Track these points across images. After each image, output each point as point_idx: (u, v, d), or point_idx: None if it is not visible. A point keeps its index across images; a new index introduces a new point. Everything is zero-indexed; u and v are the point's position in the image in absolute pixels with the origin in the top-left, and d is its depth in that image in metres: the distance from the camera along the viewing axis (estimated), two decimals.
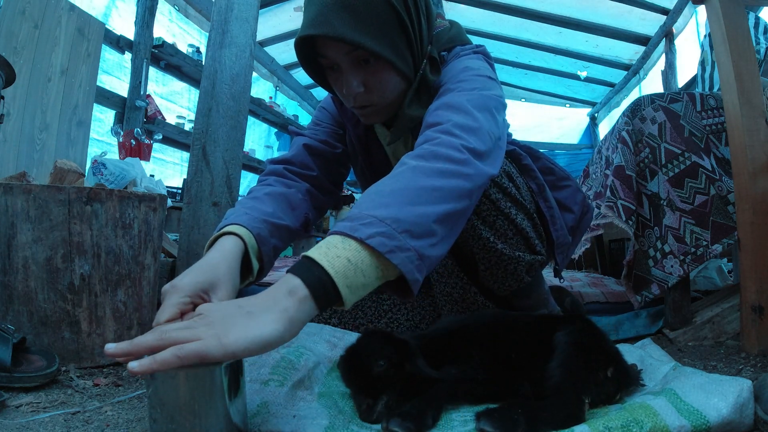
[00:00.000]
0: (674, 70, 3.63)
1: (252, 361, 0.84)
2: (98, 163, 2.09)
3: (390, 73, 0.90)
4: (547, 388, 0.71)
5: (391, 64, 0.88)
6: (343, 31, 0.82)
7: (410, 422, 0.66)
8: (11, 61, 1.21)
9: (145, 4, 3.17)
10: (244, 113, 1.53)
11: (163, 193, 1.44)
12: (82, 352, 1.05)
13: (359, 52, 0.87)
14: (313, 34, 0.84)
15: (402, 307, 1.28)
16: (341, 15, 0.82)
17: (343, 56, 0.88)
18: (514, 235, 1.01)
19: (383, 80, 0.90)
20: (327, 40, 0.85)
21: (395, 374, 0.75)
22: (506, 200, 0.99)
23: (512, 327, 0.84)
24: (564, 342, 0.75)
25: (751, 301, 1.07)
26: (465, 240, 1.00)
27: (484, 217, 0.98)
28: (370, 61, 0.88)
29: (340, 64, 0.90)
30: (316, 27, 0.83)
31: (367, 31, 0.84)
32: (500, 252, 1.00)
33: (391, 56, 0.87)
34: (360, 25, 0.83)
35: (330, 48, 0.88)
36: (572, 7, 3.92)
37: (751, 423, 0.67)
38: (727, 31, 1.12)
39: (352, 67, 0.89)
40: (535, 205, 1.06)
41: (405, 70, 0.91)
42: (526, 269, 1.03)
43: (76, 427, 0.75)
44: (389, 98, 0.93)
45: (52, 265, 1.03)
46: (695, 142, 1.27)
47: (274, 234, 0.88)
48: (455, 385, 0.77)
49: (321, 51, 0.89)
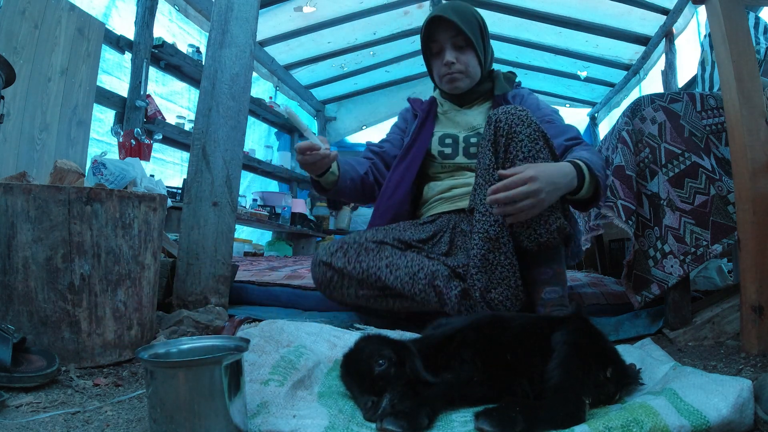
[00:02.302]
0: (674, 70, 3.63)
1: (252, 361, 0.84)
2: (98, 163, 2.09)
3: (473, 57, 1.48)
4: (546, 388, 0.71)
5: (474, 52, 1.47)
6: (454, 18, 1.42)
7: (404, 421, 0.66)
8: (11, 61, 1.21)
9: (145, 4, 3.17)
10: (244, 113, 1.54)
11: (163, 193, 1.44)
12: (82, 352, 1.05)
13: (459, 38, 1.45)
14: (437, 14, 1.45)
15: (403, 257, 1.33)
16: (454, 12, 1.44)
17: (448, 39, 1.46)
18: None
19: (468, 59, 1.48)
20: (442, 22, 1.44)
21: (396, 374, 0.75)
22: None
23: (509, 329, 0.84)
24: (562, 343, 0.75)
25: (751, 301, 1.06)
26: None
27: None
28: (462, 46, 1.47)
29: (444, 46, 1.48)
30: (440, 12, 1.44)
31: (466, 25, 1.44)
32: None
33: (475, 44, 1.46)
34: (463, 21, 1.44)
35: (441, 31, 1.46)
36: (572, 7, 3.92)
37: (751, 423, 0.67)
38: (727, 31, 1.12)
39: (452, 47, 1.47)
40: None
41: (481, 59, 1.49)
42: (557, 227, 1.17)
43: (76, 427, 0.75)
44: (471, 72, 1.50)
45: (52, 265, 1.03)
46: (695, 142, 1.27)
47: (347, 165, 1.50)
48: (452, 385, 0.77)
49: (434, 35, 1.48)
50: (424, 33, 1.49)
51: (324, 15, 4.25)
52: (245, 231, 4.74)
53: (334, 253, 1.33)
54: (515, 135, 1.17)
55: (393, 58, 5.30)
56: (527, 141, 1.17)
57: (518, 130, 1.17)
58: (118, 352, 1.10)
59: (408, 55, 5.24)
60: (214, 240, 1.42)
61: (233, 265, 1.54)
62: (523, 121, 1.17)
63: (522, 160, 1.16)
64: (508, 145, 1.18)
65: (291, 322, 1.04)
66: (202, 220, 1.42)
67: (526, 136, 1.17)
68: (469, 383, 0.78)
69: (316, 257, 1.37)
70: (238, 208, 2.58)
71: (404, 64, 5.42)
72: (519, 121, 1.18)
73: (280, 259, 3.58)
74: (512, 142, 1.18)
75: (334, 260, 1.32)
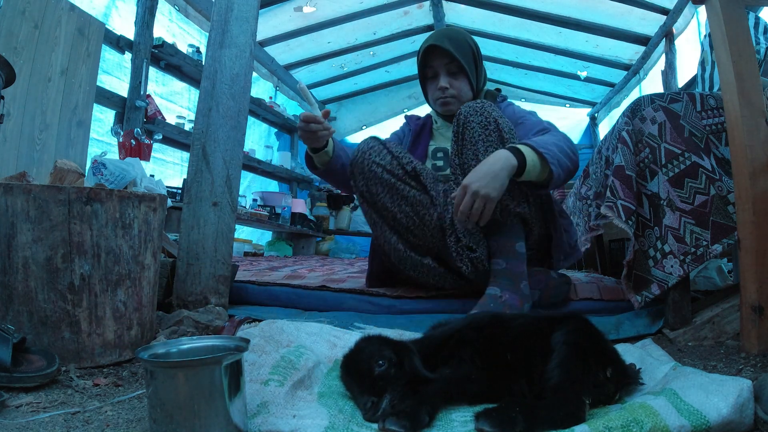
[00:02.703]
0: (674, 70, 3.63)
1: (252, 361, 0.84)
2: (98, 163, 2.09)
3: (465, 83, 1.58)
4: (545, 388, 0.71)
5: (467, 77, 1.56)
6: (448, 46, 1.52)
7: (406, 420, 0.66)
8: (11, 61, 1.21)
9: (145, 4, 3.17)
10: (244, 113, 1.54)
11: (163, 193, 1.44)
12: (82, 352, 1.05)
13: (453, 65, 1.55)
14: (433, 44, 1.53)
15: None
16: (448, 40, 1.53)
17: (442, 66, 1.56)
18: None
19: (461, 86, 1.58)
20: (437, 50, 1.54)
21: (396, 374, 0.75)
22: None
23: (509, 329, 0.84)
24: (562, 342, 0.75)
25: (751, 301, 1.06)
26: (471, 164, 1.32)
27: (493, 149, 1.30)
28: (456, 73, 1.56)
29: (438, 72, 1.57)
30: (435, 41, 1.53)
31: (460, 53, 1.53)
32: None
33: (468, 71, 1.55)
34: (457, 49, 1.53)
35: (436, 58, 1.56)
36: (572, 7, 3.92)
37: (751, 423, 0.67)
38: (727, 31, 1.12)
39: (446, 74, 1.57)
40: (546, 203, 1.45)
41: (473, 84, 1.58)
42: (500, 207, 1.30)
43: (76, 427, 0.75)
44: (462, 96, 1.58)
45: (52, 265, 1.03)
46: (695, 142, 1.27)
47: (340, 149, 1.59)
48: (450, 382, 0.77)
49: (429, 62, 1.58)
50: (421, 59, 1.60)
51: (324, 15, 4.25)
52: (245, 231, 4.74)
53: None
54: (468, 123, 1.35)
55: (393, 58, 5.30)
56: (477, 127, 1.33)
57: (471, 119, 1.35)
58: (118, 352, 1.10)
59: (408, 55, 5.24)
60: (214, 240, 1.42)
61: (233, 265, 1.54)
62: (476, 111, 1.35)
63: (473, 143, 1.33)
64: (463, 132, 1.36)
65: (291, 322, 1.04)
66: (202, 220, 1.42)
67: (477, 124, 1.34)
68: (467, 380, 0.78)
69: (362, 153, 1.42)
70: (238, 208, 2.58)
71: (404, 64, 5.41)
72: (473, 112, 1.35)
73: (280, 259, 3.58)
74: (466, 130, 1.35)
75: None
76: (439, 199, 1.41)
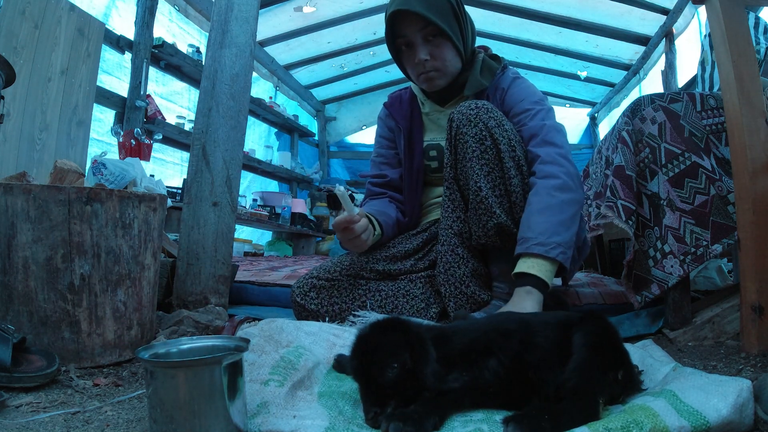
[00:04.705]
0: (674, 70, 3.63)
1: (252, 361, 0.84)
2: (98, 163, 2.09)
3: (449, 48, 1.30)
4: (564, 389, 0.71)
5: (450, 41, 1.28)
6: (419, 9, 1.22)
7: (411, 426, 0.66)
8: (11, 61, 1.21)
9: (145, 4, 3.17)
10: (244, 113, 1.54)
11: (163, 193, 1.44)
12: (82, 352, 1.05)
13: (428, 29, 1.26)
14: (399, 9, 1.24)
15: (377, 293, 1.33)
16: (418, 0, 1.23)
17: (416, 32, 1.28)
18: (501, 195, 1.22)
19: (444, 52, 1.30)
20: (407, 15, 1.25)
21: (407, 380, 0.72)
22: (513, 165, 1.21)
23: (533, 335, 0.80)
24: (582, 344, 0.75)
25: (751, 301, 1.06)
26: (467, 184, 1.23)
27: (489, 170, 1.20)
28: (435, 37, 1.28)
29: (413, 41, 1.29)
30: (401, 5, 1.24)
31: (435, 13, 1.24)
32: (483, 197, 1.20)
33: (450, 33, 1.26)
34: (431, 9, 1.23)
35: (407, 25, 1.28)
36: (572, 7, 3.92)
37: (751, 423, 0.67)
38: (727, 31, 1.12)
39: (423, 41, 1.29)
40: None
41: (459, 48, 1.30)
42: (496, 228, 1.22)
43: (76, 427, 0.75)
44: (449, 67, 1.32)
45: (52, 265, 1.02)
46: (695, 142, 1.27)
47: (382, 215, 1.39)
48: (467, 393, 0.75)
49: (400, 31, 1.29)
50: (389, 28, 1.31)
51: (324, 15, 4.25)
52: (245, 231, 4.74)
53: (307, 294, 1.30)
54: (461, 136, 1.20)
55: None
56: (472, 141, 1.19)
57: (464, 130, 1.19)
58: (118, 352, 1.10)
59: None
60: (214, 240, 1.42)
61: (233, 265, 1.54)
62: (470, 120, 1.19)
63: (468, 159, 1.20)
64: (456, 145, 1.22)
65: (290, 322, 1.04)
66: (202, 220, 1.42)
67: (471, 137, 1.19)
68: (485, 392, 0.76)
69: (292, 294, 1.33)
70: (238, 208, 2.58)
71: None
72: (466, 121, 1.19)
73: (280, 259, 3.58)
74: (459, 143, 1.21)
75: (307, 302, 1.30)
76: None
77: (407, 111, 1.48)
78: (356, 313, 1.29)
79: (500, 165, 1.20)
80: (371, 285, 1.34)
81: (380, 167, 1.55)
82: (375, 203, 1.46)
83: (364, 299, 1.31)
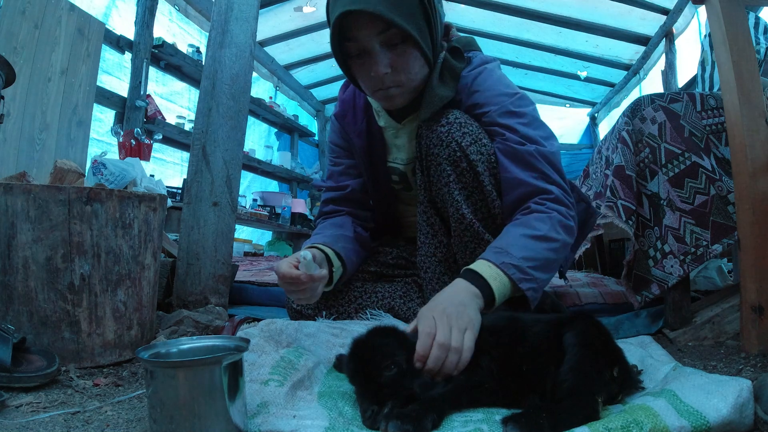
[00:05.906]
0: (674, 70, 3.63)
1: (252, 361, 0.84)
2: (98, 163, 2.09)
3: (416, 56, 1.00)
4: (560, 390, 0.71)
5: (418, 47, 0.98)
6: (379, 8, 0.91)
7: (409, 425, 0.66)
8: (11, 61, 1.21)
9: (145, 4, 3.17)
10: (244, 113, 1.54)
11: (163, 193, 1.44)
12: (82, 352, 1.05)
13: (390, 33, 0.96)
14: (352, 9, 0.92)
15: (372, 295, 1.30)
16: None
17: (374, 38, 0.97)
18: (485, 218, 1.09)
19: (410, 61, 1.00)
20: (362, 17, 0.94)
21: (404, 381, 0.73)
22: (493, 188, 1.07)
23: (525, 337, 0.82)
24: (574, 344, 0.75)
25: (751, 301, 1.06)
26: (445, 207, 1.10)
27: (468, 193, 1.07)
28: (398, 44, 0.98)
29: (368, 48, 0.99)
30: (355, 4, 0.92)
31: (399, 12, 0.93)
32: (468, 224, 1.07)
33: (418, 37, 0.96)
34: (393, 7, 0.92)
35: (362, 29, 0.97)
36: (572, 7, 3.92)
37: (751, 423, 0.67)
38: (727, 31, 1.12)
39: (382, 48, 0.98)
40: None
41: (428, 54, 1.02)
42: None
43: (76, 427, 0.75)
44: (414, 80, 1.04)
45: (52, 265, 1.03)
46: (695, 142, 1.27)
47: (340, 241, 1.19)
48: (463, 391, 0.76)
49: (352, 34, 0.98)
50: (336, 29, 0.98)
51: (324, 15, 4.24)
52: (245, 231, 4.75)
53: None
54: (433, 158, 1.05)
55: None
56: (446, 164, 1.04)
57: (436, 152, 1.04)
58: (118, 352, 1.10)
59: None
60: (214, 240, 1.42)
61: (233, 265, 1.54)
62: (441, 140, 1.03)
63: (445, 184, 1.05)
64: (429, 168, 1.08)
65: (291, 322, 1.04)
66: (202, 220, 1.42)
67: (445, 159, 1.04)
68: (480, 389, 0.77)
69: (288, 300, 1.31)
70: (238, 208, 2.58)
71: None
72: (437, 141, 1.03)
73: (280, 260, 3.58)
74: (432, 166, 1.07)
75: (303, 308, 1.27)
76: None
77: (362, 126, 1.22)
78: (371, 311, 1.26)
79: (480, 188, 1.06)
80: (367, 286, 1.31)
81: (338, 178, 1.33)
82: (329, 229, 1.24)
83: (361, 301, 1.29)
